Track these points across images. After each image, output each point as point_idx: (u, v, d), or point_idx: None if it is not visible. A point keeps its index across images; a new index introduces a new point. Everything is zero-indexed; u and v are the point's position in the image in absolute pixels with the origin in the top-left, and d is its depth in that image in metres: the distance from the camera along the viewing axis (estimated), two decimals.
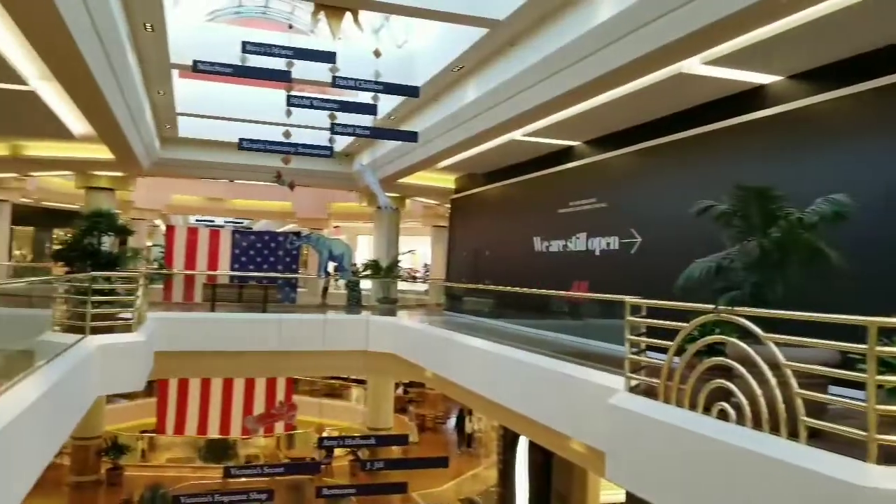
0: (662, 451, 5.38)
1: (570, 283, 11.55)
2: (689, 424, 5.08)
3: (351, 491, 12.06)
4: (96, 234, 10.80)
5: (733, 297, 5.36)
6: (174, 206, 31.03)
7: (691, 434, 4.99)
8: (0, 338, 8.10)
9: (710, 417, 5.04)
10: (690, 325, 5.49)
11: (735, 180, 5.74)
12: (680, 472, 5.15)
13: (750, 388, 4.71)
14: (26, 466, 5.55)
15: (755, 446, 4.42)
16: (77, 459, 18.63)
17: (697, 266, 5.83)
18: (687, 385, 5.33)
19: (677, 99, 9.66)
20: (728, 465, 4.63)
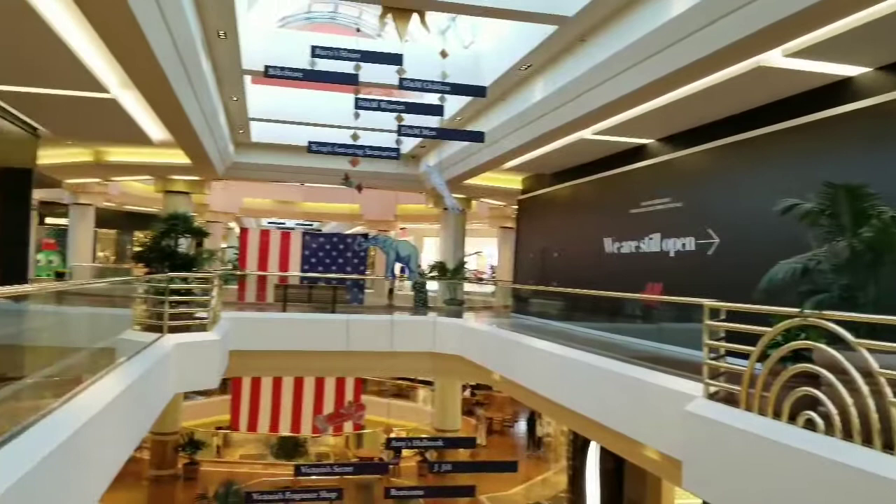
0: (744, 461, 5.13)
1: (642, 286, 11.25)
2: (774, 434, 4.84)
3: (419, 492, 12.08)
4: (173, 236, 11.10)
5: (821, 301, 5.07)
6: (247, 208, 31.90)
7: (775, 444, 4.76)
8: (84, 336, 8.45)
9: (796, 427, 4.80)
10: (774, 329, 5.24)
11: (819, 177, 5.45)
12: (763, 484, 4.91)
13: (840, 396, 4.45)
14: (109, 458, 5.73)
15: (846, 458, 4.18)
16: (156, 454, 19.32)
17: (781, 267, 5.55)
18: (770, 392, 5.10)
19: (757, 93, 9.27)
20: (816, 478, 4.39)
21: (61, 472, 4.22)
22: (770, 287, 5.56)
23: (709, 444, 5.61)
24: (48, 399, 4.87)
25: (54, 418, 4.54)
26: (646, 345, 8.97)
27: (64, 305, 9.60)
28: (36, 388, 5.29)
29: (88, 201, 22.85)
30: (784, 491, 4.66)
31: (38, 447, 3.91)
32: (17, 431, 3.99)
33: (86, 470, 4.90)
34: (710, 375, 6.01)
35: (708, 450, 5.64)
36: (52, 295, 8.93)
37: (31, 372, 5.06)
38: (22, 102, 11.95)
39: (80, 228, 22.86)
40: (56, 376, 6.03)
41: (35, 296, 7.43)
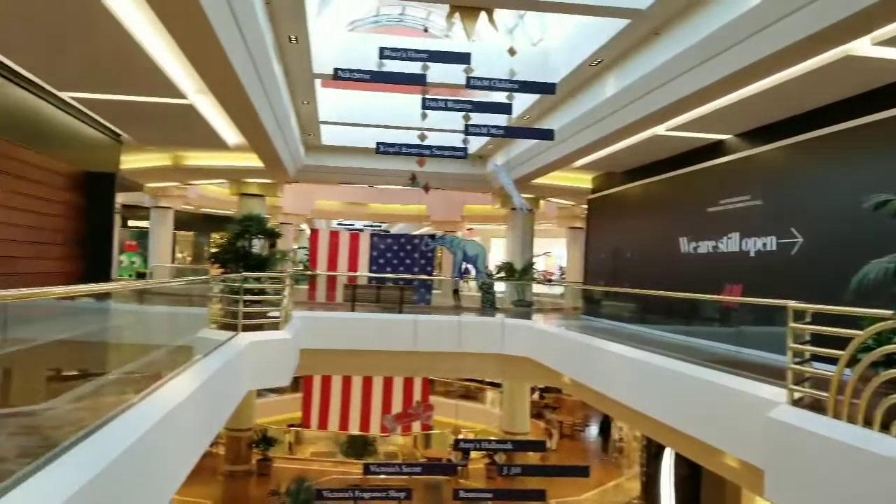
0: (831, 471, 4.86)
1: (720, 287, 10.85)
2: (864, 443, 4.59)
3: (488, 495, 11.96)
4: (247, 237, 11.38)
5: None
6: (318, 210, 32.55)
7: (867, 454, 4.50)
8: (164, 334, 8.73)
9: (889, 436, 4.51)
10: (865, 332, 4.96)
11: None
12: (852, 496, 4.64)
13: None
14: (185, 452, 5.88)
15: None
16: (231, 449, 19.88)
17: (873, 267, 5.24)
18: (861, 399, 4.83)
19: (843, 85, 8.81)
20: None
21: (140, 465, 4.34)
22: (860, 288, 5.25)
23: (793, 452, 5.34)
24: (130, 394, 5.02)
25: (135, 412, 4.68)
26: (724, 348, 8.64)
27: (145, 305, 9.96)
28: (118, 383, 5.47)
29: (168, 204, 23.74)
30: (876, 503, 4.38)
31: (119, 440, 4.02)
32: (100, 425, 4.12)
33: (163, 463, 5.03)
34: (794, 381, 5.73)
35: (792, 459, 5.37)
36: (134, 294, 9.29)
37: (114, 368, 5.23)
38: (106, 109, 12.50)
39: (160, 230, 23.77)
40: (137, 372, 6.23)
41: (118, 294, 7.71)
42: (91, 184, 12.95)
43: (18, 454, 3.49)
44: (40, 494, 3.01)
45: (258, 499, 17.81)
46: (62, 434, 3.83)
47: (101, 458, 3.63)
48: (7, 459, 3.36)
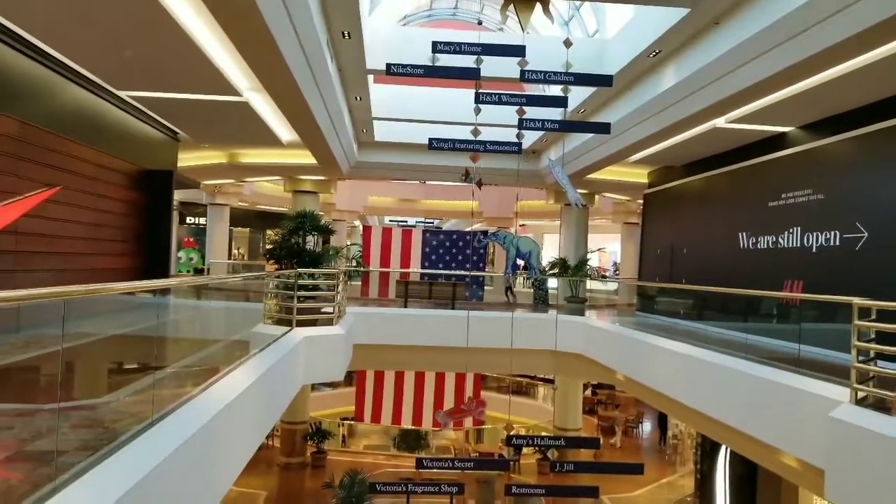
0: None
1: (781, 283, 10.54)
2: None
3: (540, 491, 11.88)
4: (301, 233, 11.56)
5: None
6: (370, 207, 32.86)
7: None
8: (221, 329, 8.96)
9: None
10: None
11: None
12: None
13: None
14: (242, 443, 6.04)
15: None
16: (286, 442, 20.28)
17: None
18: None
19: None
20: None
21: (198, 456, 4.47)
22: None
23: (856, 452, 5.18)
24: (189, 387, 5.17)
25: (194, 405, 4.82)
26: (784, 346, 8.38)
27: (202, 300, 10.22)
28: (177, 377, 5.64)
29: (224, 201, 24.27)
30: None
31: (178, 432, 4.15)
32: (160, 417, 4.26)
33: (221, 454, 5.17)
34: (858, 379, 5.55)
35: (855, 459, 5.20)
36: (192, 290, 9.54)
37: (173, 362, 5.39)
38: (163, 108, 12.83)
39: (217, 227, 24.34)
40: (196, 366, 6.41)
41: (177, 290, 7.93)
42: (150, 181, 13.32)
43: (79, 446, 3.62)
44: (101, 486, 3.12)
45: (312, 491, 18.12)
46: (123, 426, 3.96)
47: (160, 450, 3.75)
48: (68, 452, 3.49)
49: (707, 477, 15.36)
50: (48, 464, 3.04)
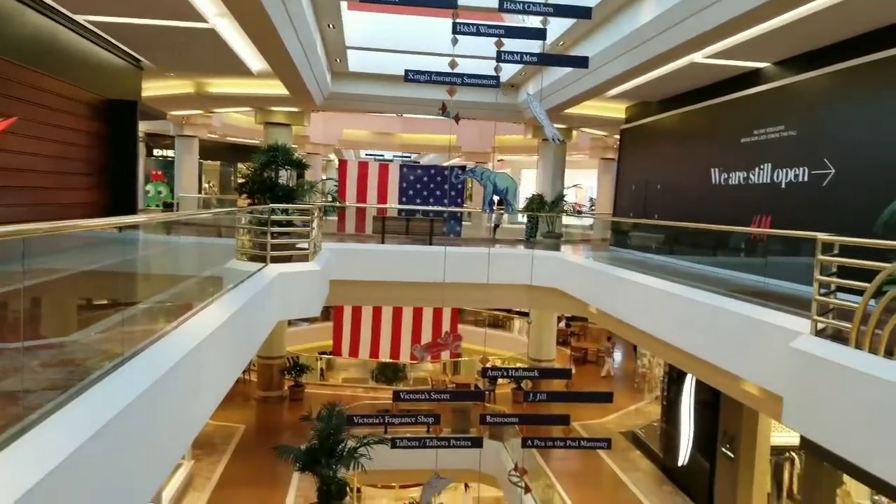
0: (850, 400, 4.93)
1: (750, 219, 10.70)
2: (885, 373, 4.63)
3: (514, 420, 12.23)
4: (273, 167, 11.38)
5: None
6: (346, 140, 32.41)
7: (887, 384, 4.52)
8: (193, 264, 8.92)
9: None
10: (893, 265, 4.89)
11: None
12: (870, 423, 4.72)
13: None
14: (219, 377, 6.13)
15: None
16: (263, 376, 20.53)
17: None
18: (884, 331, 4.81)
19: (887, 10, 8.39)
20: None
21: (175, 391, 4.54)
22: (892, 220, 5.16)
23: (813, 381, 5.40)
24: (162, 323, 5.20)
25: (169, 341, 4.86)
26: (750, 279, 8.60)
27: (173, 235, 10.10)
28: (150, 313, 5.65)
29: (192, 133, 23.68)
30: (893, 432, 4.43)
31: (153, 367, 4.20)
32: (134, 353, 4.29)
33: (196, 389, 5.25)
34: (818, 312, 5.73)
35: (812, 387, 5.43)
36: (163, 225, 9.44)
37: (145, 298, 5.39)
38: (124, 34, 12.27)
39: (186, 160, 23.81)
40: (169, 302, 6.41)
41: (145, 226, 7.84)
42: (113, 112, 12.83)
43: (49, 385, 3.64)
44: (73, 424, 3.16)
45: (290, 423, 18.48)
46: (94, 364, 3.96)
47: (133, 387, 3.79)
48: (37, 391, 3.50)
49: (673, 403, 15.92)
50: (16, 403, 3.05)
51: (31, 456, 2.76)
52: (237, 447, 16.76)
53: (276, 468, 14.32)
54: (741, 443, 12.82)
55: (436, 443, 11.49)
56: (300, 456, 12.85)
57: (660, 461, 16.25)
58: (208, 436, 16.58)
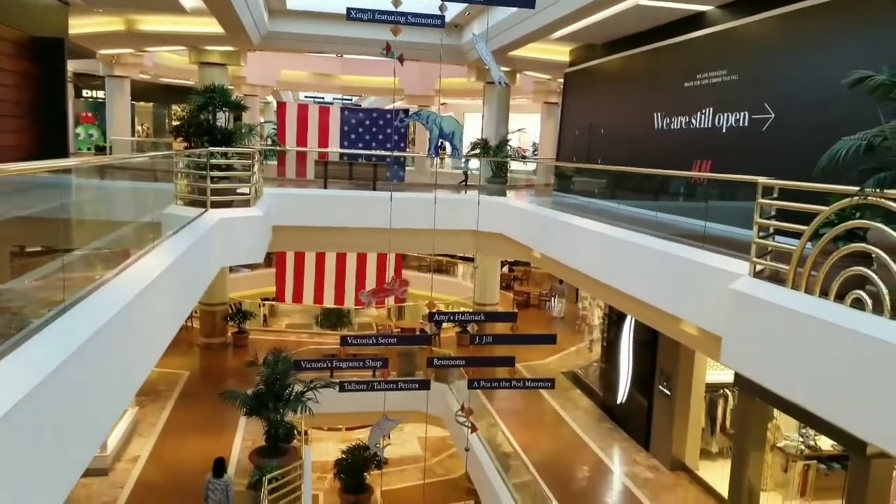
0: (787, 339, 5.14)
1: (691, 163, 10.90)
2: (821, 312, 4.82)
3: (460, 362, 12.40)
4: (211, 109, 10.99)
5: (883, 179, 4.83)
6: (284, 82, 31.48)
7: (822, 322, 4.74)
8: (130, 210, 8.60)
9: (844, 306, 4.73)
10: (830, 208, 5.08)
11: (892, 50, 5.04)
12: (805, 361, 4.94)
13: (893, 277, 4.33)
14: (163, 325, 5.99)
15: (894, 337, 4.10)
16: (205, 323, 20.26)
17: (844, 144, 5.26)
18: (819, 272, 4.99)
19: None
20: (860, 356, 4.38)
21: (117, 341, 4.40)
22: (831, 164, 5.30)
23: (752, 321, 5.60)
24: (101, 271, 5.00)
25: (108, 289, 4.69)
26: (691, 224, 8.80)
27: (107, 180, 9.69)
28: (87, 260, 5.43)
29: (123, 73, 22.65)
30: (826, 367, 4.65)
31: (97, 316, 4.05)
32: (74, 301, 4.12)
33: (139, 338, 5.11)
34: (757, 254, 5.90)
35: (750, 327, 5.64)
36: (96, 169, 9.02)
37: (81, 245, 5.17)
38: None
39: (118, 101, 22.81)
40: (106, 248, 6.17)
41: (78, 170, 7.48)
42: (39, 50, 12.07)
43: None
44: (12, 376, 3.03)
45: (235, 369, 18.35)
46: (31, 313, 3.81)
47: (74, 337, 3.65)
48: None
49: (612, 344, 16.43)
50: None
51: None
52: (181, 393, 16.63)
53: (222, 413, 14.28)
54: (677, 381, 13.36)
55: (384, 386, 11.60)
56: (247, 401, 12.84)
57: (599, 400, 16.84)
58: (152, 383, 16.35)
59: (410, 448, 21.06)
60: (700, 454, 13.49)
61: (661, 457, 13.71)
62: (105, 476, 12.33)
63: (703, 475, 12.97)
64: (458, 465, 19.22)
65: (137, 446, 13.79)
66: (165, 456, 13.52)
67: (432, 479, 18.89)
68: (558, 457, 14.26)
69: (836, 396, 4.58)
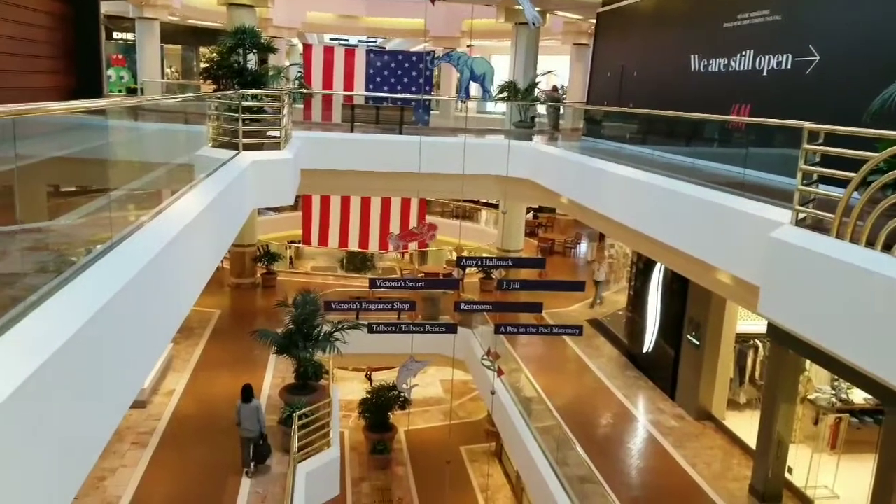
0: (830, 289, 5.02)
1: (729, 107, 10.60)
2: (867, 262, 4.68)
3: (488, 307, 12.48)
4: (241, 51, 10.86)
5: None
6: (310, 24, 31.02)
7: (868, 273, 4.61)
8: (164, 152, 8.62)
9: (892, 256, 4.60)
10: (880, 155, 4.89)
11: None
12: (848, 312, 4.82)
13: None
14: (202, 263, 6.07)
15: None
16: (236, 264, 20.51)
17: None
18: (866, 222, 4.85)
19: None
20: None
21: (161, 277, 4.46)
22: (882, 110, 5.12)
23: (793, 270, 5.49)
24: (138, 211, 5.02)
25: (150, 229, 4.72)
26: (729, 170, 8.60)
27: (140, 122, 9.69)
28: (124, 200, 5.45)
29: (153, 15, 22.49)
30: (872, 320, 4.55)
31: (139, 255, 4.08)
32: (118, 240, 4.15)
33: (182, 275, 5.18)
34: (800, 202, 5.75)
35: (791, 276, 5.53)
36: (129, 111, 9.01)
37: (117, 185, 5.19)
38: None
39: (147, 44, 22.73)
40: (141, 189, 6.19)
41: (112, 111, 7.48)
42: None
43: (37, 269, 3.52)
44: (63, 313, 3.07)
45: (264, 309, 18.65)
46: (75, 251, 3.84)
47: (121, 274, 3.69)
48: (27, 274, 3.38)
49: (640, 293, 16.37)
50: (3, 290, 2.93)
51: (26, 345, 2.67)
52: (214, 331, 17.00)
53: (252, 350, 14.58)
54: (707, 330, 13.29)
55: (411, 328, 11.74)
56: (277, 340, 13.06)
57: (624, 348, 16.87)
58: (185, 320, 16.57)
59: (433, 390, 21.41)
60: (727, 404, 13.52)
61: (687, 406, 13.77)
62: (143, 408, 12.75)
63: (730, 425, 13.03)
64: (479, 408, 19.54)
65: (173, 381, 14.19)
66: (199, 390, 13.91)
67: (455, 420, 19.25)
68: (582, 403, 14.39)
69: (880, 349, 4.50)
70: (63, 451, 2.87)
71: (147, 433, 12.05)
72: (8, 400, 2.28)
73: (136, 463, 11.09)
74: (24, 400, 2.41)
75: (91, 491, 10.13)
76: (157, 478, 10.78)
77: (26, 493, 2.53)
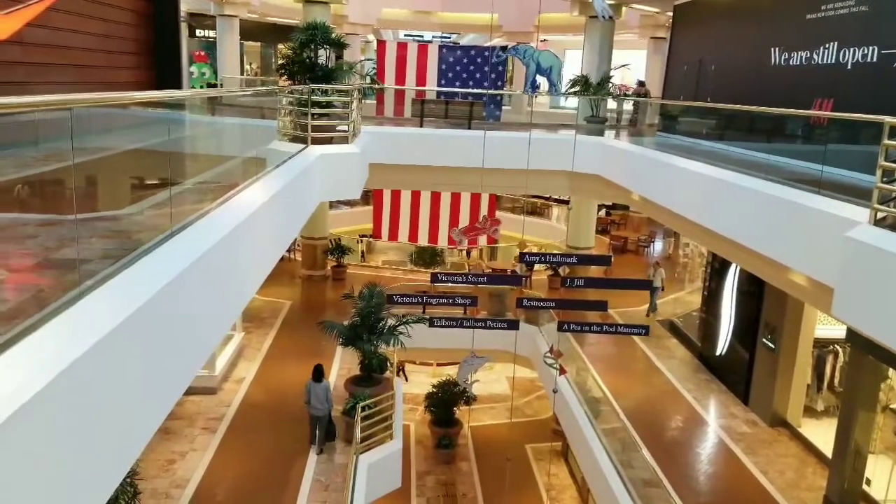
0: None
1: (810, 102, 10.14)
2: None
3: (551, 304, 12.36)
4: (312, 47, 11.09)
5: None
6: (384, 20, 31.42)
7: None
8: (237, 145, 8.92)
9: None
10: None
11: None
12: None
13: None
14: (265, 251, 6.24)
15: None
16: (307, 256, 21.02)
17: None
18: None
19: None
20: None
21: (224, 262, 4.62)
22: None
23: (870, 272, 5.24)
24: (208, 201, 5.21)
25: (215, 216, 4.90)
26: (806, 167, 8.24)
27: (217, 116, 10.05)
28: (197, 191, 5.68)
29: (233, 12, 23.17)
30: None
31: (203, 239, 4.24)
32: (183, 226, 4.33)
33: (244, 261, 5.34)
34: (880, 200, 5.47)
35: (868, 278, 5.28)
36: (206, 105, 9.36)
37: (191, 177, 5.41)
38: None
39: (227, 40, 23.44)
40: (214, 181, 6.43)
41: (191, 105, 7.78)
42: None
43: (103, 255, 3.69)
44: (127, 290, 3.22)
45: (333, 301, 19.01)
46: (145, 237, 4.03)
47: (185, 257, 3.84)
48: (93, 260, 3.55)
49: (714, 293, 15.87)
50: (74, 271, 3.11)
51: (87, 320, 2.82)
52: (284, 321, 17.45)
53: (320, 341, 14.90)
54: (783, 334, 12.80)
55: (472, 323, 11.76)
56: (343, 331, 13.31)
57: (697, 350, 16.40)
58: (257, 310, 17.23)
59: (499, 387, 21.37)
60: (804, 411, 12.99)
61: (761, 411, 13.29)
62: (214, 395, 13.22)
63: (806, 433, 12.51)
64: (545, 406, 19.38)
65: (243, 369, 14.67)
66: (268, 378, 14.32)
67: (520, 418, 19.16)
68: (650, 405, 14.07)
69: None
70: (120, 427, 3.03)
71: (217, 419, 12.50)
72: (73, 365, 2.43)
73: (206, 447, 11.53)
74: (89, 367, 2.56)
75: (161, 473, 10.61)
76: (225, 462, 11.18)
77: (90, 457, 2.68)
